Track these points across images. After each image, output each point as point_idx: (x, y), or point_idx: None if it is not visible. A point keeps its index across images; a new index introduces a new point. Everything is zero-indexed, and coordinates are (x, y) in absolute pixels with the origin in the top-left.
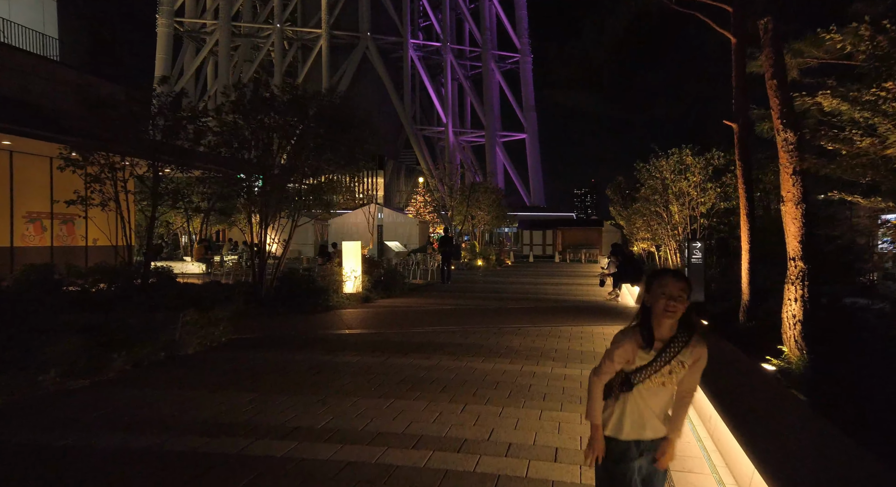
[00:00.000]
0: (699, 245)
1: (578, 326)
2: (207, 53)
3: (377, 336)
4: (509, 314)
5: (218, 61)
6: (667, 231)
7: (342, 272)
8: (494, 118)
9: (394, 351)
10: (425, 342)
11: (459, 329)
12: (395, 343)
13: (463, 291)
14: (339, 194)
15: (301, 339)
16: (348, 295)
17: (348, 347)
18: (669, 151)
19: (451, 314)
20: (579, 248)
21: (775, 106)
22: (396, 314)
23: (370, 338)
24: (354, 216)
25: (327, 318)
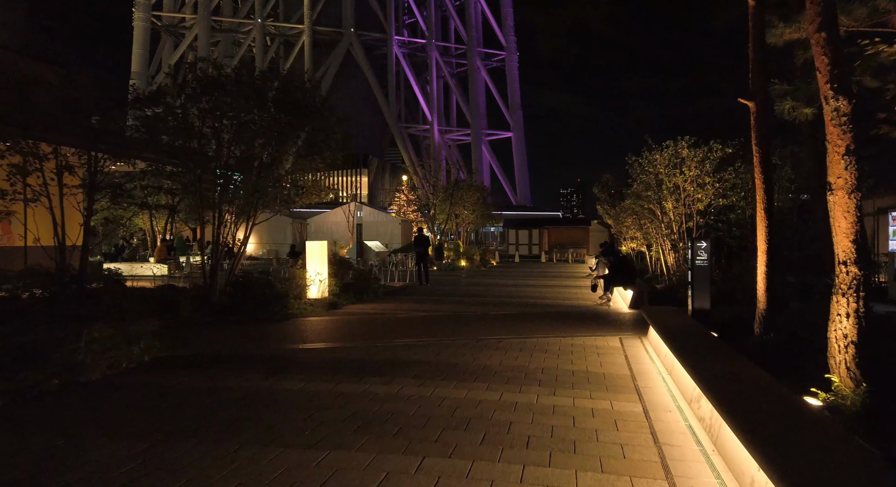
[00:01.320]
0: (704, 244)
1: (568, 337)
2: (186, 49)
3: (335, 352)
4: (490, 322)
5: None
6: (660, 229)
7: (305, 275)
8: (480, 116)
9: (349, 374)
10: (390, 360)
11: (432, 341)
12: (353, 361)
13: (442, 295)
14: (300, 188)
15: (243, 357)
16: (312, 301)
17: (296, 368)
18: (664, 144)
19: (425, 322)
20: (566, 248)
21: (823, 67)
22: (364, 323)
23: (325, 356)
24: (334, 215)
25: (283, 329)
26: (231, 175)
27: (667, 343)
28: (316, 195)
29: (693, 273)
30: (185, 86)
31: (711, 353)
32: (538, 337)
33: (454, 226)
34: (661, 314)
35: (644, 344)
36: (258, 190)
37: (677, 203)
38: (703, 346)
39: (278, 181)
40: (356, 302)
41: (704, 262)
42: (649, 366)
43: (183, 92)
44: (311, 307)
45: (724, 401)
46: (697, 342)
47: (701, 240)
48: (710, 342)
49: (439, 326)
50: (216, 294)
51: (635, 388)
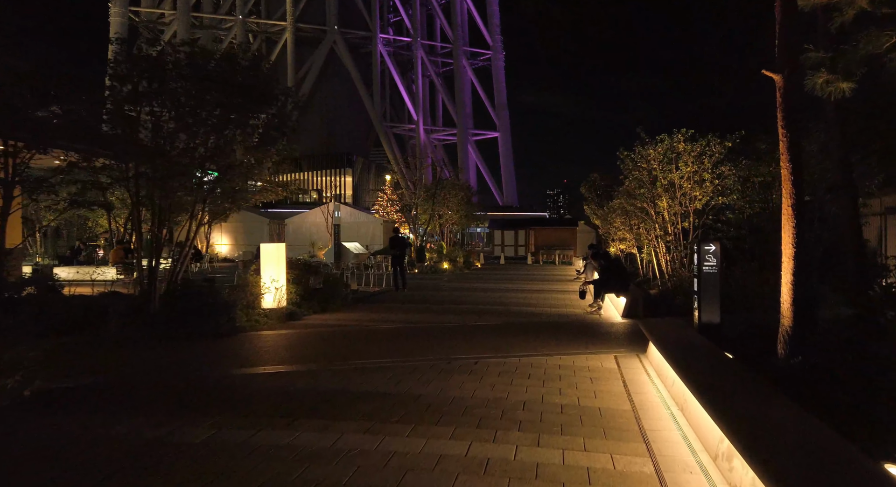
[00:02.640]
0: (713, 248)
1: (555, 355)
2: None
3: (274, 379)
4: (468, 336)
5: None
6: (654, 230)
7: (259, 282)
8: (466, 116)
9: (280, 414)
10: (338, 391)
11: (397, 362)
12: (292, 393)
13: (419, 301)
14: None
15: (153, 389)
16: (267, 311)
17: (215, 404)
18: (658, 137)
19: (393, 337)
20: (553, 249)
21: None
22: (322, 339)
23: (260, 385)
24: (313, 215)
25: (223, 347)
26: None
27: (675, 368)
28: (273, 192)
29: (700, 281)
30: (118, 67)
31: (734, 384)
32: (521, 355)
33: (437, 227)
34: (662, 328)
35: (643, 363)
36: (200, 185)
37: (672, 201)
38: (720, 374)
39: (225, 175)
40: (320, 312)
41: (713, 269)
42: (653, 396)
43: (117, 74)
44: (265, 318)
45: (773, 471)
46: (712, 367)
47: (709, 242)
48: (728, 367)
49: (408, 341)
50: (155, 304)
51: (640, 432)
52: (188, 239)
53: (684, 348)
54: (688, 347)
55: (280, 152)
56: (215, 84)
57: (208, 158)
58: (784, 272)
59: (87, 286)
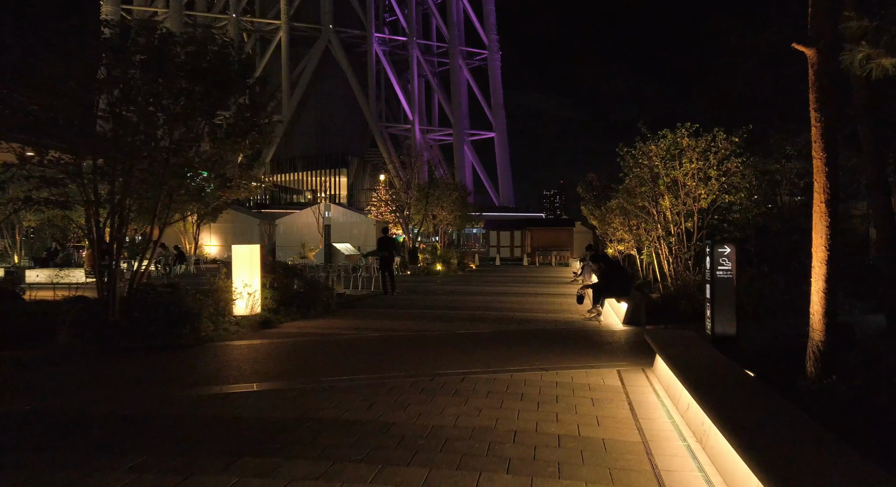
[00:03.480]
0: (728, 250)
1: (551, 370)
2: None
3: (226, 402)
4: (456, 346)
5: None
6: (656, 230)
7: (231, 287)
8: (462, 116)
9: (216, 452)
10: (295, 419)
11: (372, 380)
12: (238, 423)
13: (407, 307)
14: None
15: (77, 418)
16: (239, 318)
17: (139, 440)
18: (659, 132)
19: (373, 348)
20: (549, 250)
21: None
22: (294, 350)
23: (208, 410)
24: (304, 216)
25: (180, 361)
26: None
27: (691, 391)
28: (246, 189)
29: (713, 287)
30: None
31: (763, 413)
32: (513, 370)
33: (431, 228)
34: (670, 340)
35: (650, 379)
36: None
37: (676, 200)
38: (744, 399)
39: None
40: (300, 318)
41: (729, 274)
42: (665, 423)
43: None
44: (236, 327)
45: None
46: (733, 390)
47: (724, 244)
48: (752, 390)
49: (390, 353)
50: (113, 312)
51: (654, 473)
52: (150, 240)
53: (698, 365)
54: (702, 364)
55: (252, 145)
56: (179, 70)
57: (171, 151)
58: (815, 279)
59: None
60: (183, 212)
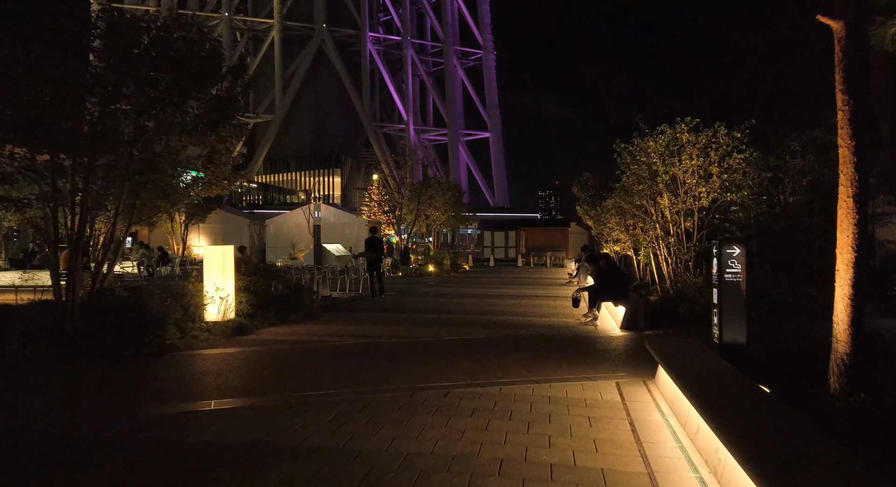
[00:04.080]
0: (738, 251)
1: (544, 382)
2: None
3: (170, 426)
4: (442, 355)
5: None
6: (654, 230)
7: (202, 290)
8: (457, 116)
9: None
10: (250, 446)
11: (346, 395)
12: (182, 451)
13: (395, 310)
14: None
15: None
16: (212, 324)
17: (51, 470)
18: (658, 128)
19: (351, 357)
20: (544, 251)
21: None
22: (265, 361)
23: (147, 435)
24: (295, 216)
25: (138, 373)
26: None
27: (701, 410)
28: (217, 186)
29: (721, 291)
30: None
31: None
32: (502, 382)
33: (424, 228)
34: (673, 349)
35: (652, 393)
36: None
37: (675, 198)
38: (763, 420)
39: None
40: (278, 324)
41: (737, 276)
42: (672, 449)
43: None
44: (206, 334)
45: None
46: (749, 409)
47: (732, 244)
48: (770, 409)
49: (369, 364)
50: (72, 317)
51: None
52: (112, 240)
53: (707, 379)
54: (711, 377)
55: (224, 140)
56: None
57: (135, 145)
58: (840, 283)
59: (27, 292)
60: (151, 211)
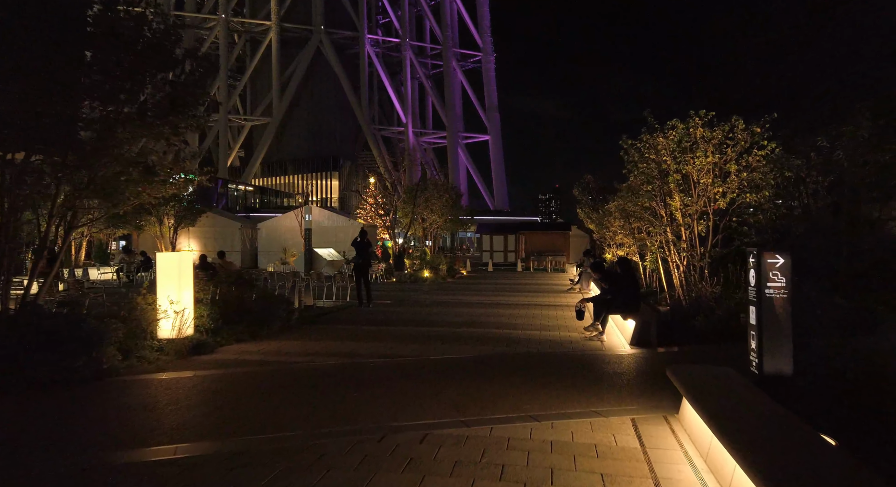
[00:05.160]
0: (781, 261)
1: (544, 419)
2: None
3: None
4: (425, 380)
5: None
6: (665, 234)
7: (154, 304)
8: (456, 118)
9: None
10: None
11: (300, 440)
12: None
13: (381, 321)
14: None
15: None
16: (165, 342)
17: None
18: (668, 123)
19: (320, 384)
20: (544, 255)
21: None
22: (214, 390)
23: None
24: (287, 219)
25: (57, 406)
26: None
27: (754, 476)
28: (174, 184)
29: (760, 310)
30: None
31: None
32: (494, 419)
33: (420, 231)
34: (703, 382)
35: (677, 435)
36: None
37: (689, 199)
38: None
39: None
40: (247, 340)
41: (781, 292)
42: None
43: None
44: (157, 354)
45: None
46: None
47: (775, 252)
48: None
49: (338, 394)
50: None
51: None
52: (45, 246)
53: (755, 429)
54: (758, 422)
55: (179, 132)
56: (78, 34)
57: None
58: None
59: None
60: (92, 212)
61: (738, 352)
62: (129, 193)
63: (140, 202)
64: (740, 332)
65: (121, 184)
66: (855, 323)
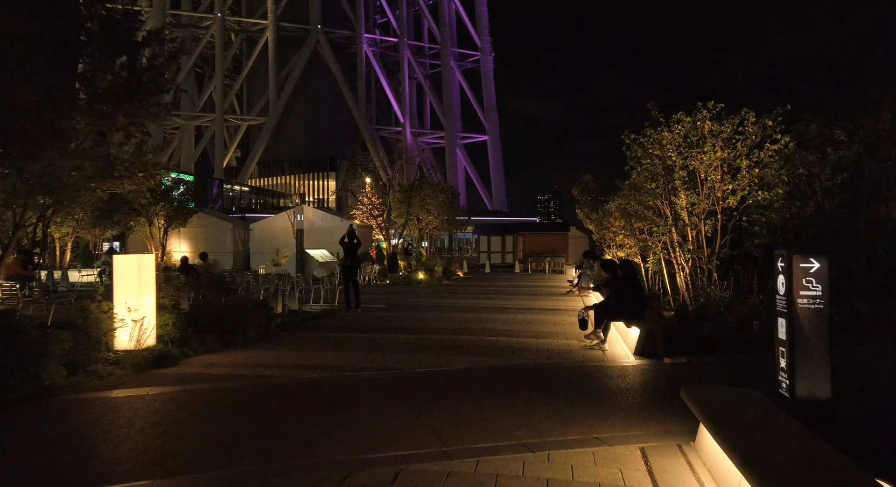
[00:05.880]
0: (817, 266)
1: (540, 449)
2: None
3: None
4: (405, 399)
5: None
6: (670, 235)
7: (111, 310)
8: (454, 118)
9: None
10: None
11: (247, 481)
12: None
13: (367, 328)
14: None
15: None
16: (122, 354)
17: None
18: (674, 117)
19: (286, 405)
20: (543, 256)
21: None
22: (165, 412)
23: None
24: (280, 220)
25: None
26: None
27: None
28: (132, 179)
29: (791, 322)
30: None
31: None
32: (481, 450)
33: (416, 232)
34: (726, 409)
35: (695, 470)
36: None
37: (697, 198)
38: None
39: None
40: (219, 349)
41: (818, 302)
42: None
43: None
44: (112, 367)
45: None
46: None
47: (809, 255)
48: None
49: (305, 417)
50: None
51: None
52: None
53: (796, 471)
54: (803, 469)
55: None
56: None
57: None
58: None
59: None
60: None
61: (754, 364)
62: (82, 189)
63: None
64: (753, 341)
65: (71, 180)
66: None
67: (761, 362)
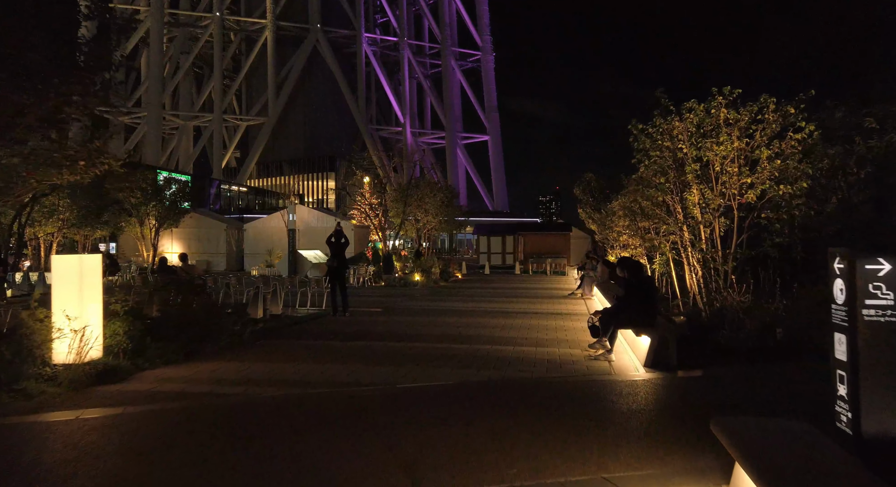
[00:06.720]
0: (888, 268)
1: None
2: (137, 42)
3: None
4: (379, 424)
5: (150, 53)
6: (681, 233)
7: (48, 318)
8: (455, 118)
9: None
10: None
11: None
12: None
13: (353, 335)
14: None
15: None
16: (62, 368)
17: None
18: (685, 105)
19: (241, 432)
20: (544, 258)
21: None
22: (93, 443)
23: None
24: (274, 220)
25: None
26: None
27: None
28: (70, 168)
29: (854, 340)
30: None
31: None
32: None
33: (413, 232)
34: (768, 445)
35: None
36: None
37: (712, 193)
38: None
39: None
40: (181, 360)
41: (889, 314)
42: None
43: None
44: (45, 384)
45: None
46: None
47: (873, 257)
48: None
49: (256, 450)
50: None
51: None
52: None
53: None
54: None
55: (71, 101)
56: None
57: None
58: None
59: None
60: None
61: (780, 379)
62: (9, 181)
63: (29, 191)
64: (776, 350)
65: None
66: None
67: (787, 375)
